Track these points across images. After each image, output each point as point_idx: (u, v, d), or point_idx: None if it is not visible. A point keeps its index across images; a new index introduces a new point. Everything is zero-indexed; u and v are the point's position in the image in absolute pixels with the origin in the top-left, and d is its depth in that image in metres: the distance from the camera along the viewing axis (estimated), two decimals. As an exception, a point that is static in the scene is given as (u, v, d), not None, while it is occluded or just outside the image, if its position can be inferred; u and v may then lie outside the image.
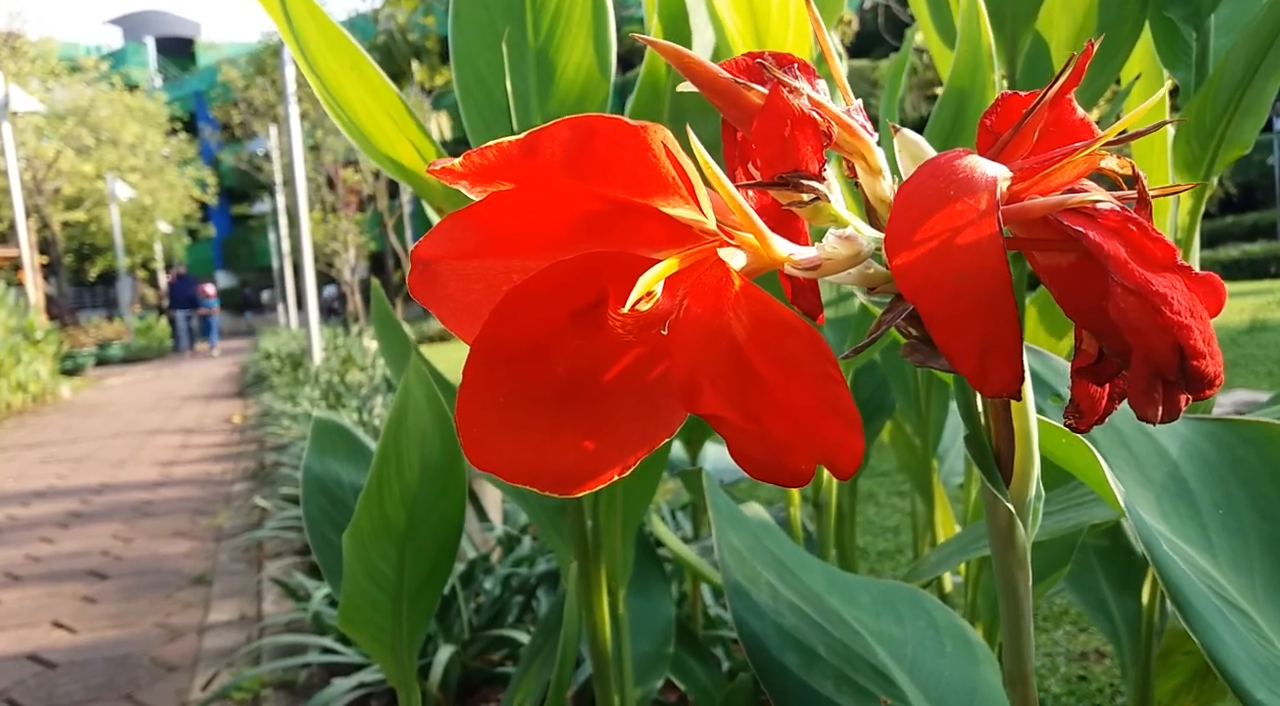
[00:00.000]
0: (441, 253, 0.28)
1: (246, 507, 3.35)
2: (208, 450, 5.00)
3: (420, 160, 0.66)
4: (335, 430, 0.91)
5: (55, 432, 6.39)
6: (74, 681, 1.86)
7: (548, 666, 0.76)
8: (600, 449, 0.29)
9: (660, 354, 0.28)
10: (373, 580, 0.67)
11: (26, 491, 4.07)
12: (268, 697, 1.70)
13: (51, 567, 2.73)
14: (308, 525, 0.82)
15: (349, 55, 0.64)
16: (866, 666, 0.47)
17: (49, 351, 9.42)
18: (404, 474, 0.63)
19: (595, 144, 0.25)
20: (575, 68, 0.69)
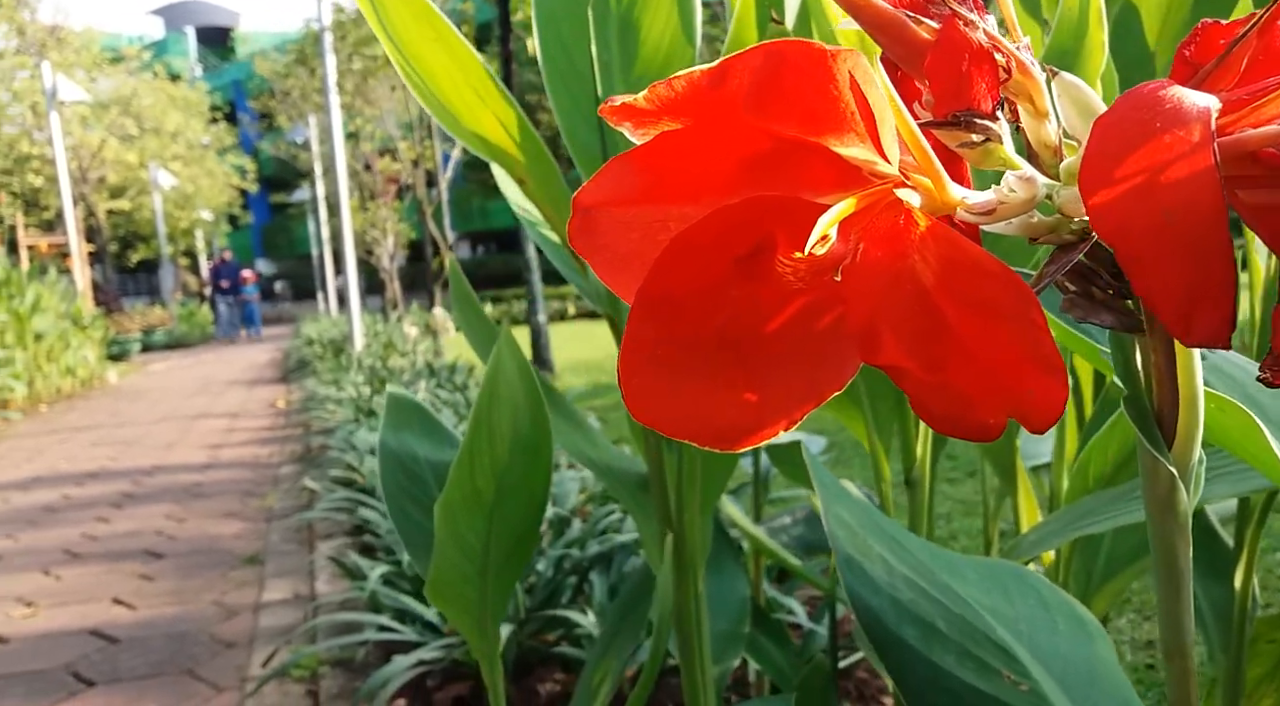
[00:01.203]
0: (603, 198, 0.27)
1: (295, 489, 3.39)
2: (254, 433, 5.07)
3: (505, 134, 0.65)
4: (409, 406, 0.91)
5: (104, 416, 6.51)
6: (136, 656, 1.89)
7: (627, 644, 0.75)
8: (765, 402, 0.27)
9: (830, 302, 0.27)
10: (461, 552, 0.67)
11: (80, 472, 4.15)
12: (325, 674, 1.72)
13: (109, 546, 2.79)
14: (386, 498, 0.82)
15: (433, 26, 0.63)
16: (987, 641, 0.46)
17: (96, 337, 9.61)
18: (495, 446, 0.63)
19: (783, 73, 0.24)
20: (659, 33, 0.68)
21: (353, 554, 2.12)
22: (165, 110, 18.91)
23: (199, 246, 21.20)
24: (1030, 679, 0.44)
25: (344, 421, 4.16)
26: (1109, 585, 0.76)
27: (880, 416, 0.65)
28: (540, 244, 0.82)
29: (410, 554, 0.80)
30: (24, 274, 8.11)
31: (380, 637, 1.70)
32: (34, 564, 2.64)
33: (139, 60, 18.81)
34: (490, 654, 0.74)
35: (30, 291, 7.89)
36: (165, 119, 18.79)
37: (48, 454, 4.82)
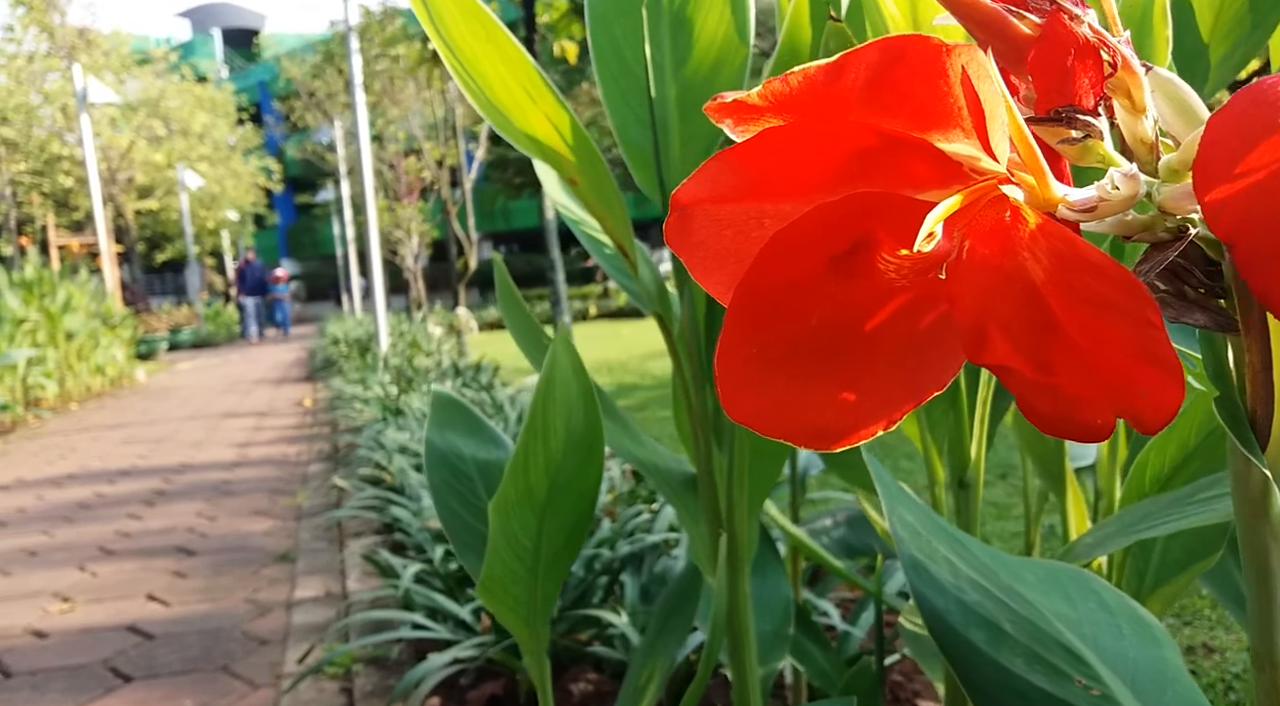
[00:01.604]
0: (700, 196, 0.27)
1: (324, 488, 3.41)
2: (281, 432, 5.11)
3: (556, 134, 0.65)
4: (453, 405, 0.91)
5: (133, 414, 6.59)
6: (172, 652, 1.91)
7: (673, 644, 0.75)
8: (863, 402, 0.27)
9: (932, 300, 0.27)
10: (512, 550, 0.67)
11: (112, 470, 4.20)
12: (359, 672, 1.73)
13: (141, 543, 2.82)
14: (433, 494, 0.83)
15: (484, 26, 0.63)
16: (1056, 645, 0.45)
17: (125, 336, 9.72)
18: (549, 444, 0.63)
19: (899, 68, 0.23)
20: (711, 32, 0.68)
21: (384, 552, 2.13)
22: (192, 111, 19.11)
23: (225, 246, 21.40)
24: (1101, 683, 0.44)
25: (371, 420, 4.18)
26: (1162, 590, 0.75)
27: (934, 417, 0.64)
28: (585, 243, 0.82)
29: (457, 551, 0.81)
30: (55, 274, 8.22)
31: (413, 636, 1.70)
32: (70, 560, 2.67)
33: (167, 62, 19.02)
34: (538, 652, 0.74)
35: (61, 291, 7.99)
36: (192, 120, 18.99)
37: (80, 451, 4.88)
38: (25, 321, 7.34)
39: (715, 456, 0.68)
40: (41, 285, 7.86)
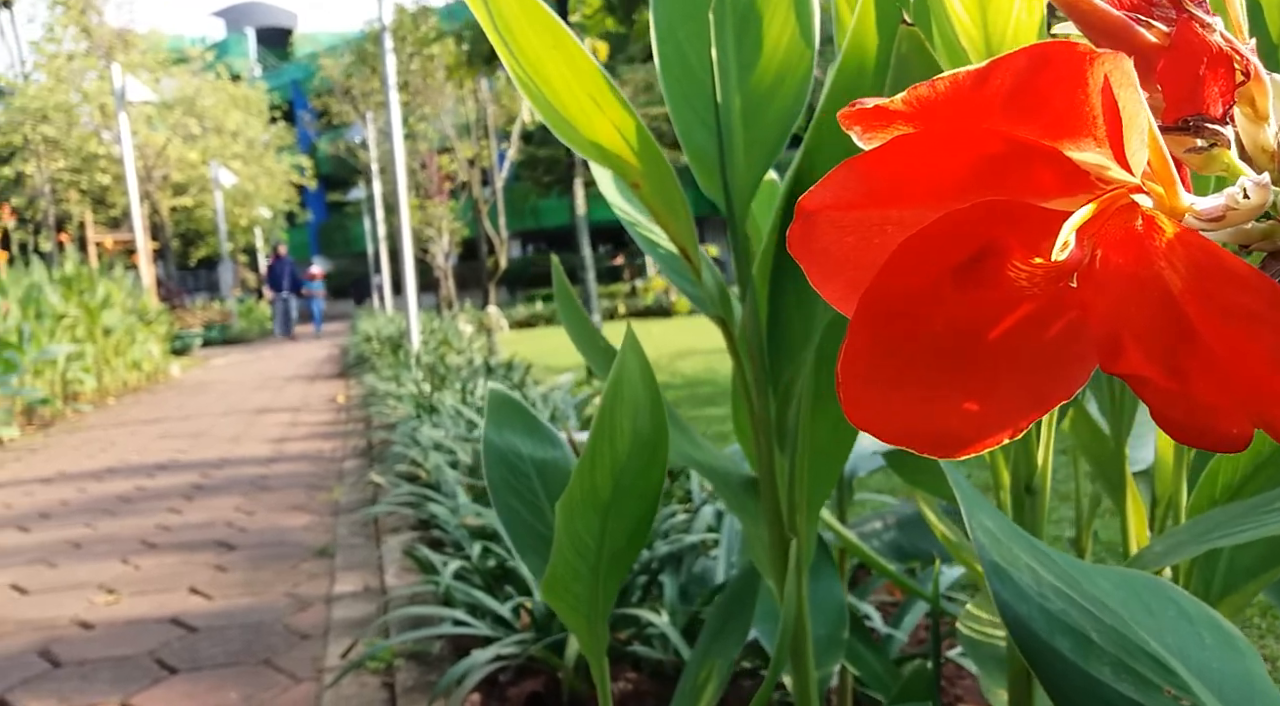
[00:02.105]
0: (827, 202, 0.27)
1: (360, 483, 3.45)
2: (316, 428, 5.16)
3: (621, 140, 0.65)
4: (509, 403, 0.92)
5: (169, 409, 6.68)
6: (215, 645, 1.93)
7: (732, 645, 0.75)
8: (987, 411, 0.27)
9: (1060, 309, 0.27)
10: (576, 549, 0.68)
11: (150, 464, 4.26)
12: (400, 667, 1.74)
13: (182, 537, 2.86)
14: (492, 492, 0.83)
15: (552, 34, 0.64)
16: (1143, 653, 0.45)
17: (160, 332, 9.86)
18: (616, 444, 0.63)
19: (1042, 74, 0.23)
20: (775, 38, 0.68)
21: (423, 548, 2.14)
22: (226, 110, 19.35)
23: (258, 244, 21.64)
24: (1190, 693, 0.43)
25: (405, 417, 4.22)
26: (1229, 598, 0.74)
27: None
28: (644, 247, 0.82)
29: (516, 549, 0.81)
30: (94, 270, 8.35)
31: (454, 632, 1.72)
32: (113, 552, 2.71)
33: (202, 61, 19.26)
34: (598, 650, 0.74)
35: (100, 287, 8.12)
36: (226, 118, 19.23)
37: (119, 445, 4.95)
38: (65, 317, 7.47)
39: (777, 459, 0.68)
40: (81, 281, 7.99)
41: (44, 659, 1.90)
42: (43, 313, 7.16)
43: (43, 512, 3.36)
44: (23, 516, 3.32)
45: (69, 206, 18.10)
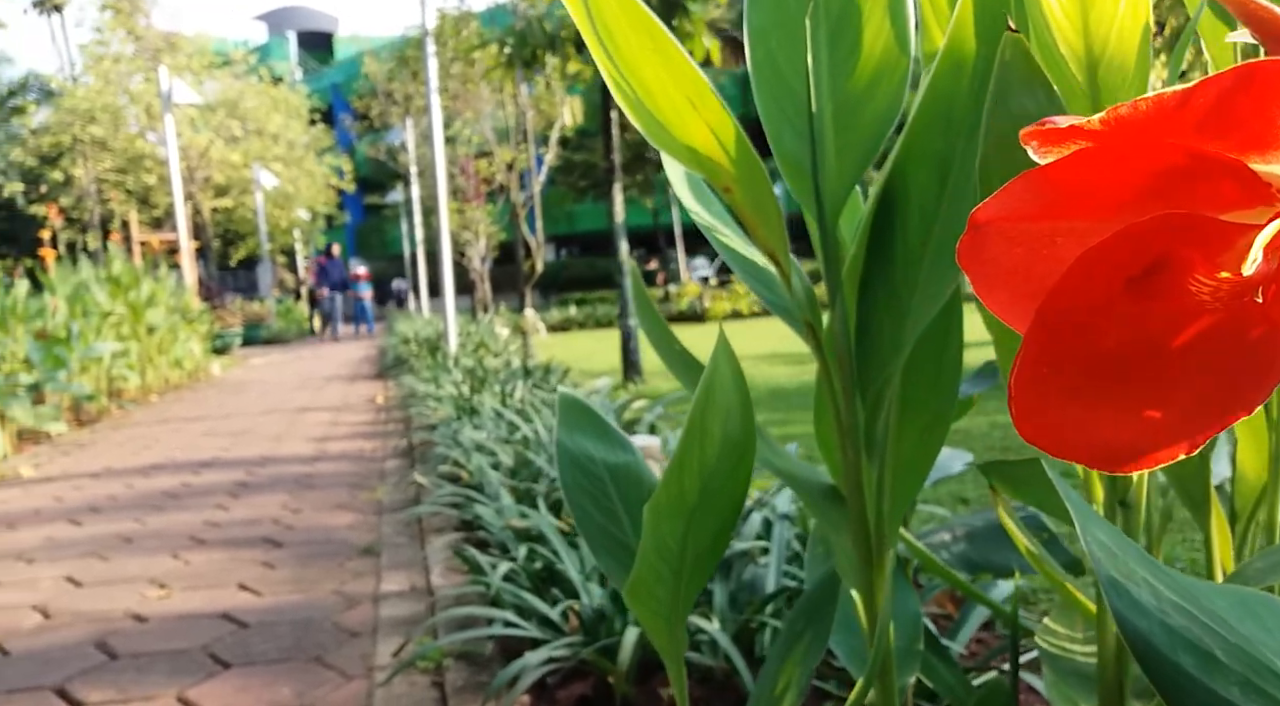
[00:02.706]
0: (999, 214, 0.27)
1: (403, 483, 3.48)
2: (356, 427, 5.21)
3: (716, 143, 0.65)
4: (578, 407, 0.93)
5: (211, 407, 6.78)
6: (266, 641, 1.96)
7: (812, 654, 0.75)
8: (1165, 424, 0.27)
9: (1240, 323, 0.26)
10: (659, 553, 0.68)
11: (195, 461, 4.33)
12: (450, 667, 1.75)
13: (229, 533, 2.90)
14: (566, 495, 0.84)
15: (652, 37, 0.64)
16: (1269, 673, 0.44)
17: (202, 330, 10.02)
18: (705, 448, 0.63)
19: (1243, 93, 0.23)
20: (869, 44, 0.68)
21: (471, 549, 2.16)
22: (268, 112, 19.63)
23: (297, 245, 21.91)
24: (1317, 715, 0.43)
25: (445, 419, 4.25)
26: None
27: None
28: (721, 252, 0.82)
29: (592, 551, 0.82)
30: (139, 269, 8.50)
31: (504, 633, 1.72)
32: (163, 547, 2.76)
33: (246, 64, 19.55)
34: (677, 655, 0.74)
35: (145, 286, 8.26)
36: (268, 121, 19.51)
37: (164, 442, 5.03)
38: (111, 314, 7.61)
39: (865, 468, 0.68)
40: (126, 280, 8.13)
41: (100, 650, 1.93)
42: (89, 310, 7.30)
43: (93, 507, 3.42)
44: (73, 510, 3.38)
45: (114, 206, 18.46)
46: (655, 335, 0.82)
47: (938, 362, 0.70)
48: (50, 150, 18.72)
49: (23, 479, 4.21)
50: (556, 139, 9.31)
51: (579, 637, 1.69)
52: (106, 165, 18.23)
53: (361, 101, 14.14)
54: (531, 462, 2.98)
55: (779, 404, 4.78)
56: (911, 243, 0.65)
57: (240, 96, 19.02)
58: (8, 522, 3.24)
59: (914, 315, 0.64)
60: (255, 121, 19.32)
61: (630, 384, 5.97)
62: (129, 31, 17.33)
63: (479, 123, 9.52)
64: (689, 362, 0.84)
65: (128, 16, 17.09)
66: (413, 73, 11.23)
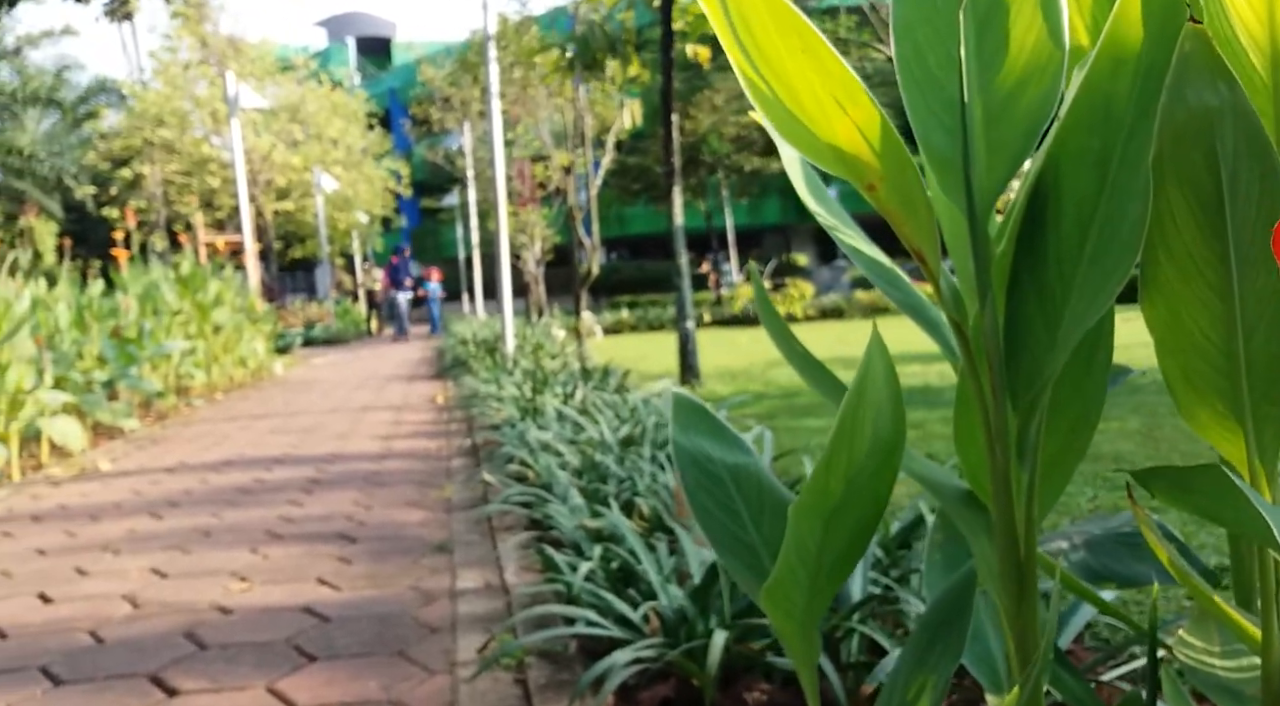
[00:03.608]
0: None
1: (469, 482, 3.51)
2: (419, 426, 5.28)
3: (863, 141, 0.65)
4: (692, 407, 0.93)
5: (276, 405, 6.91)
6: (348, 635, 1.99)
7: (947, 661, 0.73)
8: None
9: None
10: (798, 555, 0.67)
11: (266, 457, 4.41)
12: (531, 665, 1.76)
13: (304, 529, 2.95)
14: (688, 495, 0.84)
15: (801, 38, 0.64)
16: None
17: (265, 330, 10.23)
18: (854, 446, 0.62)
19: None
20: (1020, 39, 0.66)
21: (548, 549, 2.17)
22: (328, 117, 19.99)
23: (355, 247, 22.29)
24: None
25: (507, 419, 4.28)
26: None
27: (1264, 441, 0.61)
28: (848, 251, 0.82)
29: (717, 552, 0.81)
30: (206, 269, 8.71)
31: (587, 632, 1.73)
32: (240, 541, 2.82)
33: (307, 69, 19.95)
34: (809, 659, 0.73)
35: (212, 286, 8.46)
36: (327, 125, 19.87)
37: (234, 439, 5.15)
38: (179, 313, 7.80)
39: (1014, 472, 0.67)
40: (194, 280, 8.34)
41: (190, 640, 1.98)
42: (159, 310, 7.49)
43: (170, 501, 3.51)
44: (153, 504, 3.47)
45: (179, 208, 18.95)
46: (778, 337, 0.82)
47: (1088, 362, 0.68)
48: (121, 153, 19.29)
49: (101, 472, 4.34)
50: (613, 142, 9.35)
51: (660, 639, 1.68)
52: (173, 168, 18.72)
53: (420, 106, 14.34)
54: (597, 463, 3.00)
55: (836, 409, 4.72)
56: (1067, 242, 0.64)
57: (301, 101, 19.41)
58: (91, 514, 3.34)
59: (1071, 316, 0.63)
60: (315, 126, 19.71)
61: (688, 386, 5.96)
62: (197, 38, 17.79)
63: (537, 127, 9.59)
64: (811, 363, 0.84)
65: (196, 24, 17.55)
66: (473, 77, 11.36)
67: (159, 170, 18.89)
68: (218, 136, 18.56)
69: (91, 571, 2.56)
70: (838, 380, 0.84)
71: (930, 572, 0.97)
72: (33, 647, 1.97)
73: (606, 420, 3.70)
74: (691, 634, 1.68)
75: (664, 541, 2.15)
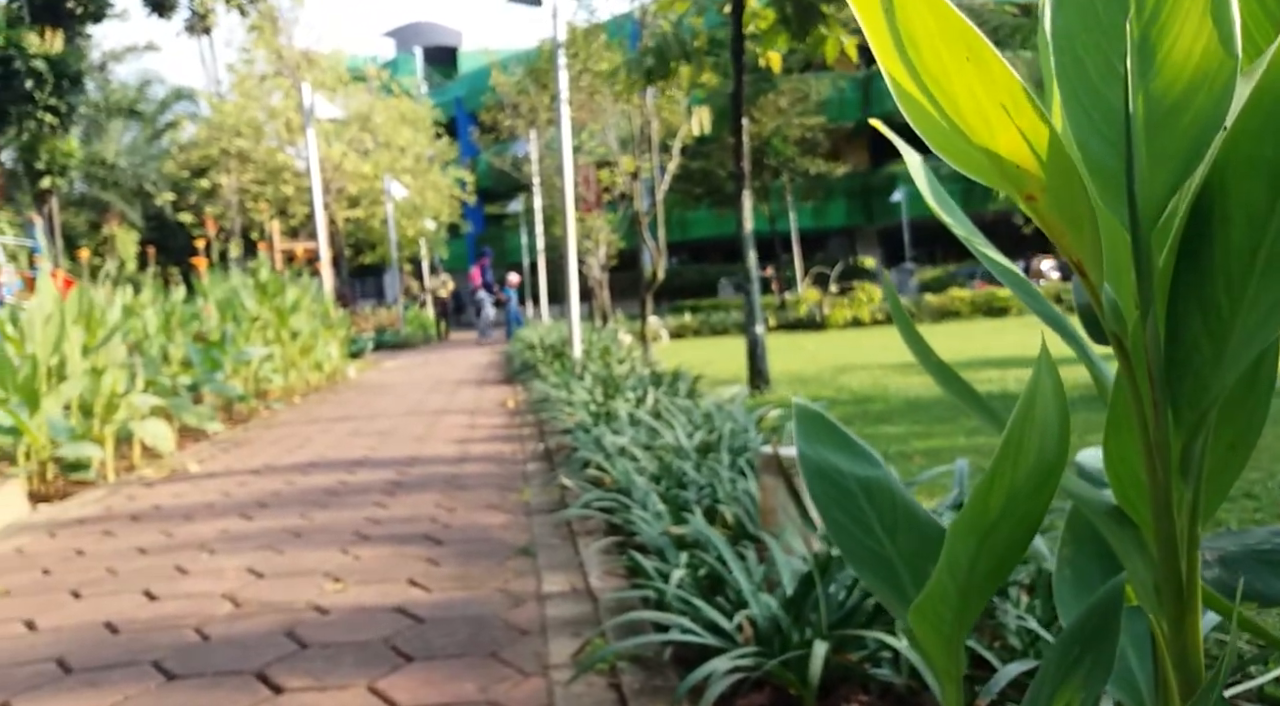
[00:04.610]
0: None
1: (548, 486, 3.54)
2: (492, 430, 5.34)
3: (1028, 152, 0.64)
4: (815, 418, 0.92)
5: (354, 409, 7.06)
6: (443, 636, 2.02)
7: (1096, 679, 0.72)
8: None
9: None
10: (949, 570, 0.67)
11: (348, 460, 4.51)
12: (625, 670, 1.77)
13: (391, 530, 3.01)
14: (818, 508, 0.84)
15: (967, 43, 0.63)
16: None
17: (340, 335, 10.46)
18: (1018, 464, 0.62)
19: None
20: (1185, 48, 0.65)
21: (636, 555, 2.18)
22: (396, 126, 20.39)
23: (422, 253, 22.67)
24: None
25: (579, 424, 4.31)
26: None
27: None
28: (985, 261, 0.81)
29: (851, 564, 0.81)
30: (284, 276, 8.94)
31: (681, 639, 1.73)
32: (331, 542, 2.88)
33: (379, 80, 20.37)
34: (955, 675, 0.73)
35: (289, 292, 8.68)
36: (396, 134, 20.26)
37: (315, 441, 5.27)
38: (258, 319, 8.02)
39: (1176, 489, 0.65)
40: (272, 287, 8.56)
41: (290, 639, 2.03)
42: (238, 316, 7.72)
43: (259, 502, 3.61)
44: (243, 505, 3.57)
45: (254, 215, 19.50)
46: (914, 346, 0.81)
47: (1252, 378, 0.66)
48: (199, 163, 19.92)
49: (190, 474, 4.48)
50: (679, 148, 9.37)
51: (754, 648, 1.68)
52: (249, 177, 19.27)
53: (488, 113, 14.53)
54: (675, 468, 3.00)
55: (920, 416, 4.66)
56: (1236, 256, 0.62)
57: (371, 110, 19.83)
58: (185, 515, 3.45)
59: (1241, 333, 0.61)
60: (384, 135, 20.11)
61: (757, 392, 5.94)
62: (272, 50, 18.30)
63: (604, 132, 9.65)
64: (949, 374, 0.83)
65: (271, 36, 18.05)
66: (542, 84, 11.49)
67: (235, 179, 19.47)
68: (291, 146, 19.05)
69: (191, 570, 2.64)
70: (975, 391, 0.83)
71: (1060, 588, 0.95)
72: (143, 643, 2.04)
73: (680, 425, 3.70)
74: (786, 643, 1.67)
75: (751, 549, 2.14)
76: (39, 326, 4.59)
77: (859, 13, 0.67)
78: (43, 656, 1.99)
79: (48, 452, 4.17)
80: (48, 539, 3.20)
